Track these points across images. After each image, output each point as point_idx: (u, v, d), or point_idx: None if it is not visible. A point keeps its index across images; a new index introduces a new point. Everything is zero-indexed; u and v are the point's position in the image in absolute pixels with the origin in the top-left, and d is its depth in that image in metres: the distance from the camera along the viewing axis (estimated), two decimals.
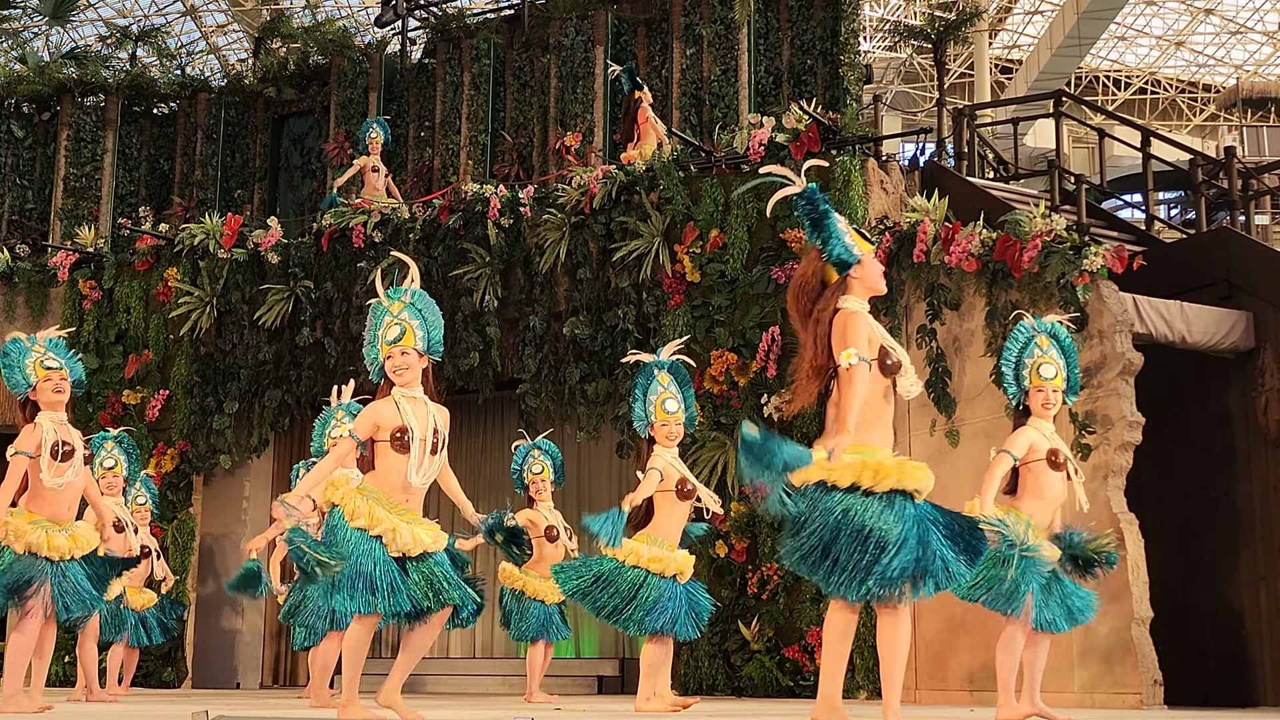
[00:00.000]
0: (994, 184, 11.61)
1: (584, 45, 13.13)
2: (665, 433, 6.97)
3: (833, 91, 12.26)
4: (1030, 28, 34.70)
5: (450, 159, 13.48)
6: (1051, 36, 28.77)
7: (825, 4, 12.54)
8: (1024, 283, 8.41)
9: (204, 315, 12.20)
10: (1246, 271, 8.86)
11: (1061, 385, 6.32)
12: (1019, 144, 13.50)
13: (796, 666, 9.26)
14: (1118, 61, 36.96)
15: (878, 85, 30.11)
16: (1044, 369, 6.31)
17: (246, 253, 12.22)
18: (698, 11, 12.85)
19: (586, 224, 10.84)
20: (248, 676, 12.20)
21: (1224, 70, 36.69)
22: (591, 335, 10.70)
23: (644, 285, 10.52)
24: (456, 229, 11.38)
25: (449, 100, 13.67)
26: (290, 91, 14.55)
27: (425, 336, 5.68)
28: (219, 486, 12.35)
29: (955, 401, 8.74)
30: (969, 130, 12.09)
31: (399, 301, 5.75)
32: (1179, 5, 33.94)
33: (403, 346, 5.61)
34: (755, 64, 12.62)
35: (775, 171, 5.44)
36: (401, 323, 5.66)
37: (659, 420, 6.99)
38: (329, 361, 11.82)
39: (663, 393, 7.04)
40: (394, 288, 5.84)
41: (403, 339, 5.61)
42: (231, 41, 31.50)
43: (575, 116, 12.99)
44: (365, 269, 11.60)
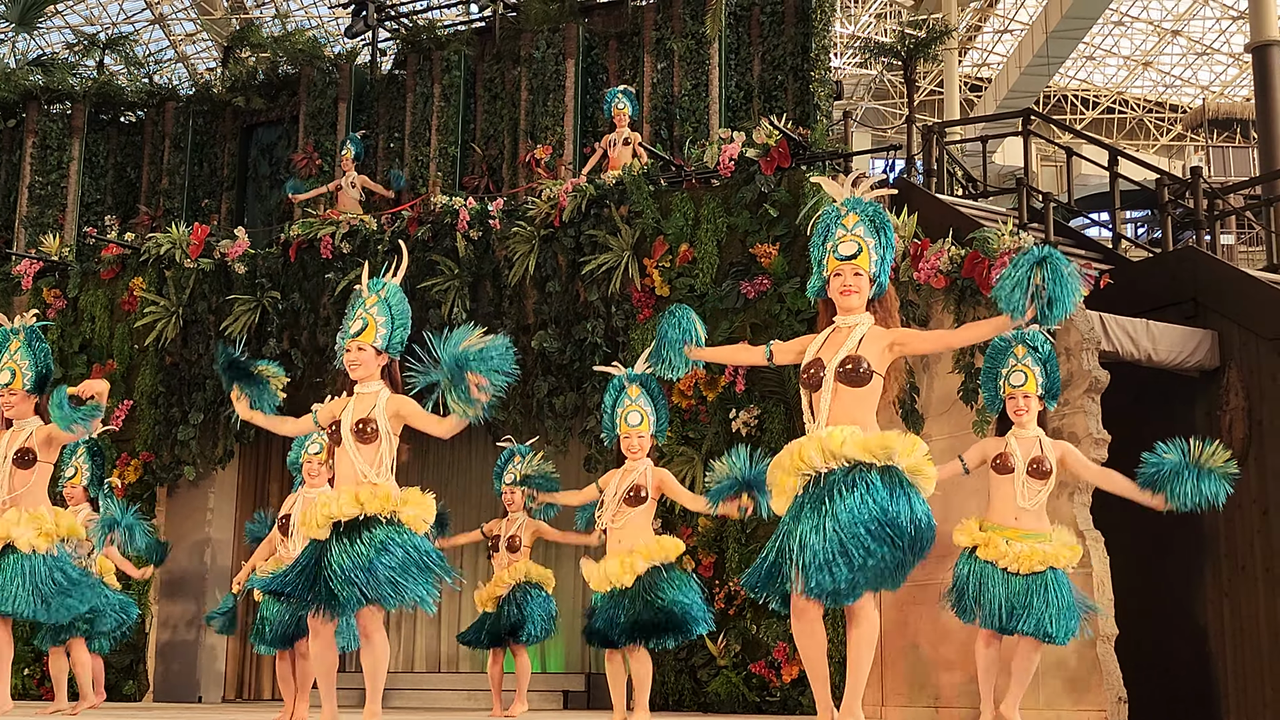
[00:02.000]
0: (963, 201, 11.65)
1: (555, 58, 13.13)
2: (628, 445, 6.99)
3: (803, 107, 12.29)
4: (1000, 46, 34.94)
5: (420, 170, 13.44)
6: (1020, 55, 28.96)
7: (796, 20, 12.58)
8: (992, 300, 8.42)
9: (169, 325, 12.10)
10: (1212, 291, 8.90)
11: (1035, 391, 6.50)
12: (988, 161, 13.56)
13: (763, 682, 9.24)
14: (1086, 81, 37.24)
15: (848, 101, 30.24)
16: (1014, 377, 6.54)
17: (213, 263, 12.14)
18: (669, 26, 12.86)
19: (556, 237, 10.82)
20: (210, 690, 12.09)
21: (1190, 91, 37.02)
22: (560, 348, 10.67)
23: (613, 299, 10.51)
24: (425, 241, 11.34)
25: (419, 112, 13.63)
26: (259, 101, 14.48)
27: (386, 335, 5.68)
28: (183, 498, 12.24)
29: (923, 417, 8.74)
30: (938, 147, 12.14)
31: (375, 295, 5.76)
32: (1146, 26, 34.23)
33: (360, 342, 5.63)
34: (726, 79, 12.64)
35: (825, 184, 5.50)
36: (368, 317, 5.67)
37: (622, 433, 7.00)
38: (296, 373, 11.74)
39: (629, 405, 7.04)
40: (376, 279, 5.84)
41: (362, 334, 5.61)
42: (200, 50, 31.37)
43: (545, 129, 12.97)
44: (333, 280, 11.55)
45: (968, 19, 32.67)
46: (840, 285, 5.20)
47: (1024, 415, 6.51)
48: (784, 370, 9.71)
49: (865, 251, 5.21)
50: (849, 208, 5.31)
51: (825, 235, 5.31)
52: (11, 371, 6.69)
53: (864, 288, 5.21)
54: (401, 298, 5.85)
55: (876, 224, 5.29)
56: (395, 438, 5.67)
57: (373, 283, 5.81)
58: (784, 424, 9.62)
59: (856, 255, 5.20)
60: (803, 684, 9.14)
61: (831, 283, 5.25)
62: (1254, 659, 8.29)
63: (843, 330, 5.22)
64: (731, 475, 6.27)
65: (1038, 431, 6.58)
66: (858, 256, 5.20)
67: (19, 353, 6.74)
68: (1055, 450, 6.55)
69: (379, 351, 5.71)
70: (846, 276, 5.20)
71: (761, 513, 6.16)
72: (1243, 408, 8.48)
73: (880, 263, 5.25)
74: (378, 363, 5.71)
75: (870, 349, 5.15)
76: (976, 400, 8.46)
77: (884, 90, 34.94)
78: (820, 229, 5.34)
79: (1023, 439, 6.54)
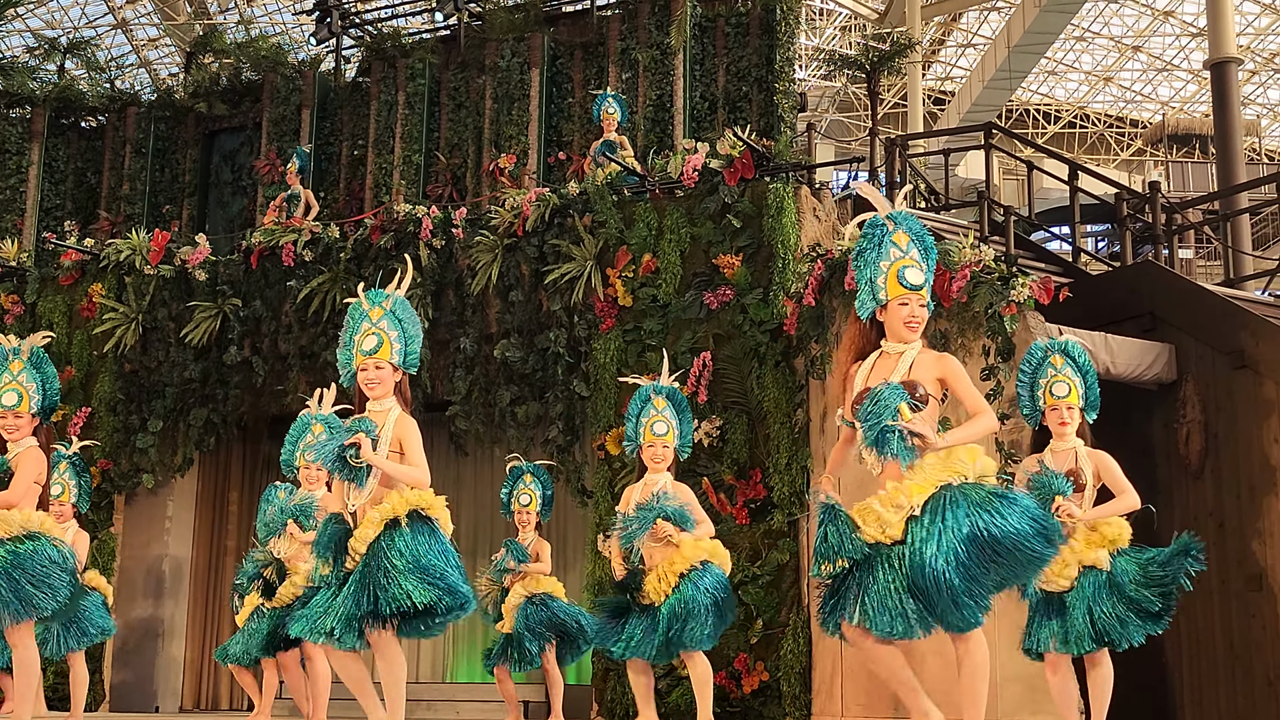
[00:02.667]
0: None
1: (520, 67, 13.12)
2: (651, 454, 7.03)
3: (767, 119, 12.33)
4: (963, 60, 35.16)
5: (383, 178, 13.40)
6: (983, 69, 29.16)
7: (761, 32, 12.62)
8: (953, 312, 8.47)
9: (129, 332, 12.02)
10: (1169, 304, 8.99)
11: (1077, 403, 6.35)
12: (950, 175, 13.64)
13: (723, 693, 9.24)
14: (1048, 95, 37.53)
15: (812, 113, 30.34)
16: (1056, 387, 6.35)
17: (174, 269, 12.07)
18: (634, 36, 12.88)
19: (519, 246, 10.81)
20: (167, 700, 11.99)
21: (1150, 106, 37.37)
22: (523, 358, 10.66)
23: (576, 309, 10.51)
24: (388, 249, 11.30)
25: (383, 119, 13.60)
26: (222, 107, 14.40)
27: (402, 350, 5.55)
28: (141, 506, 12.14)
29: None
30: (901, 160, 12.21)
31: (379, 307, 5.60)
32: (1108, 42, 34.53)
33: (377, 360, 5.48)
34: (691, 89, 12.66)
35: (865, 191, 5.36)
36: (379, 332, 5.51)
37: (646, 442, 7.01)
38: (256, 381, 11.69)
39: (654, 415, 7.09)
40: (375, 290, 5.70)
41: (379, 351, 5.47)
42: (163, 55, 31.18)
43: (510, 138, 12.96)
44: (295, 288, 11.50)
45: (931, 33, 32.86)
46: (907, 315, 5.00)
47: (1067, 426, 6.33)
48: (747, 381, 9.74)
49: (927, 281, 5.03)
50: (898, 224, 5.12)
51: (877, 252, 5.08)
52: (18, 394, 6.37)
53: (925, 318, 5.04)
54: (410, 310, 5.67)
55: (925, 243, 5.10)
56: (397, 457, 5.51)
57: (373, 294, 5.63)
58: (746, 434, 9.64)
59: (923, 286, 5.01)
60: (763, 695, 9.15)
61: (894, 310, 5.02)
62: (1209, 670, 8.36)
63: (891, 356, 5.04)
64: None
65: (1076, 443, 6.37)
66: (924, 287, 5.01)
67: (23, 375, 6.43)
68: (1092, 460, 6.34)
69: (395, 368, 5.55)
70: (913, 307, 5.01)
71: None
72: (1199, 420, 8.56)
73: (930, 287, 5.08)
74: (394, 379, 5.55)
75: (922, 375, 4.95)
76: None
77: (848, 103, 35.09)
78: (869, 243, 5.10)
79: (1059, 452, 6.34)
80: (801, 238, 10.06)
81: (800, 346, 9.60)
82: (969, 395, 5.02)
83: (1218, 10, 18.08)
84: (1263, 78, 34.95)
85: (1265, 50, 33.65)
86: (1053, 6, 24.79)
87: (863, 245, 5.14)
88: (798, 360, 9.65)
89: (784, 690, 8.93)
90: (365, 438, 5.31)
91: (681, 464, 9.72)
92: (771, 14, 12.64)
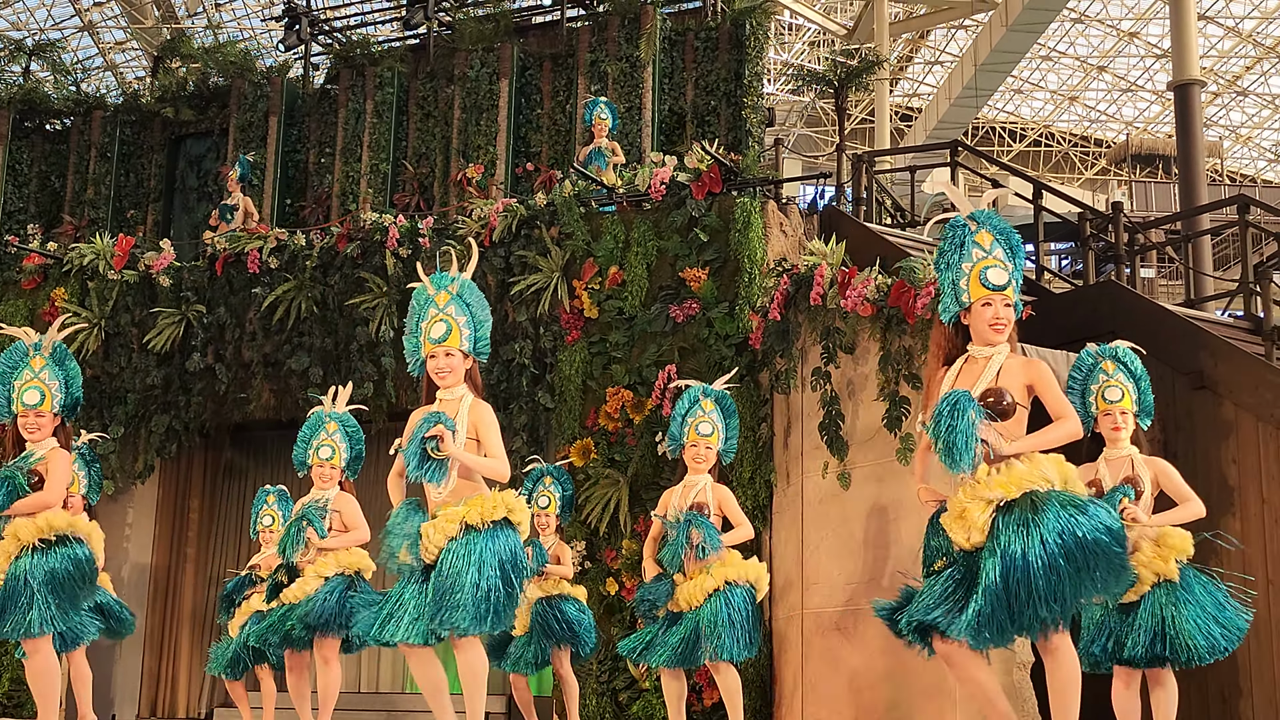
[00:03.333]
0: (891, 230, 11.79)
1: (489, 78, 13.13)
2: (693, 454, 7.02)
3: (735, 133, 12.38)
4: (930, 77, 35.41)
5: (350, 186, 13.37)
6: (950, 87, 29.37)
7: (730, 46, 12.68)
8: (917, 328, 8.52)
9: (91, 337, 11.94)
10: (1130, 323, 9.05)
11: (1131, 408, 6.21)
12: (916, 191, 13.73)
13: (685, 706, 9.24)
14: (1014, 114, 37.83)
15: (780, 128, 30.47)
16: (1109, 392, 6.24)
17: (138, 274, 12.00)
18: (604, 48, 12.91)
19: (486, 256, 10.80)
20: (124, 709, 11.90)
21: (1115, 126, 37.72)
22: (487, 369, 10.65)
23: (542, 320, 10.51)
24: (354, 257, 11.28)
25: (350, 127, 13.57)
26: (189, 112, 14.34)
27: (471, 336, 5.39)
28: (101, 512, 11.97)
29: (848, 445, 8.81)
30: (868, 176, 12.28)
31: (445, 292, 5.40)
32: (1074, 62, 34.83)
33: (447, 347, 5.34)
34: (659, 103, 12.70)
35: (947, 190, 5.19)
36: (447, 319, 5.34)
37: (689, 441, 6.99)
38: (219, 388, 11.63)
39: (701, 416, 7.07)
40: (439, 274, 5.54)
41: (448, 338, 5.33)
42: (130, 59, 31.04)
43: (478, 148, 12.96)
44: (260, 295, 11.46)
45: (899, 50, 33.07)
46: (991, 317, 4.85)
47: (1121, 431, 6.18)
48: None
49: (1012, 281, 4.88)
50: (980, 224, 4.96)
51: (958, 254, 4.94)
52: (40, 392, 6.23)
53: (1012, 319, 4.89)
54: (477, 293, 5.48)
55: (1010, 242, 4.94)
56: (475, 443, 5.36)
57: (438, 278, 5.43)
58: None
59: (1007, 286, 4.86)
60: (723, 709, 9.16)
61: (977, 312, 4.88)
62: None
63: (977, 361, 4.90)
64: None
65: (1131, 450, 6.20)
66: (1009, 288, 4.86)
67: (45, 371, 6.29)
68: (1150, 467, 6.16)
69: (465, 354, 5.40)
70: (997, 308, 4.86)
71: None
72: (1159, 440, 8.62)
73: (1018, 287, 4.94)
74: (464, 366, 5.41)
75: (1009, 382, 4.81)
76: (900, 428, 8.55)
77: (816, 118, 35.27)
78: (950, 245, 4.96)
79: (1113, 460, 6.17)
80: (768, 252, 10.10)
81: (765, 361, 9.63)
82: (1056, 401, 4.89)
83: (1181, 33, 18.29)
84: (1225, 100, 35.34)
85: (1228, 73, 34.04)
86: (1020, 26, 25.02)
87: (944, 248, 4.98)
88: (762, 375, 9.68)
89: (745, 703, 8.93)
90: (446, 430, 5.17)
91: (645, 478, 9.77)
92: (741, 28, 12.70)
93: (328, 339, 11.25)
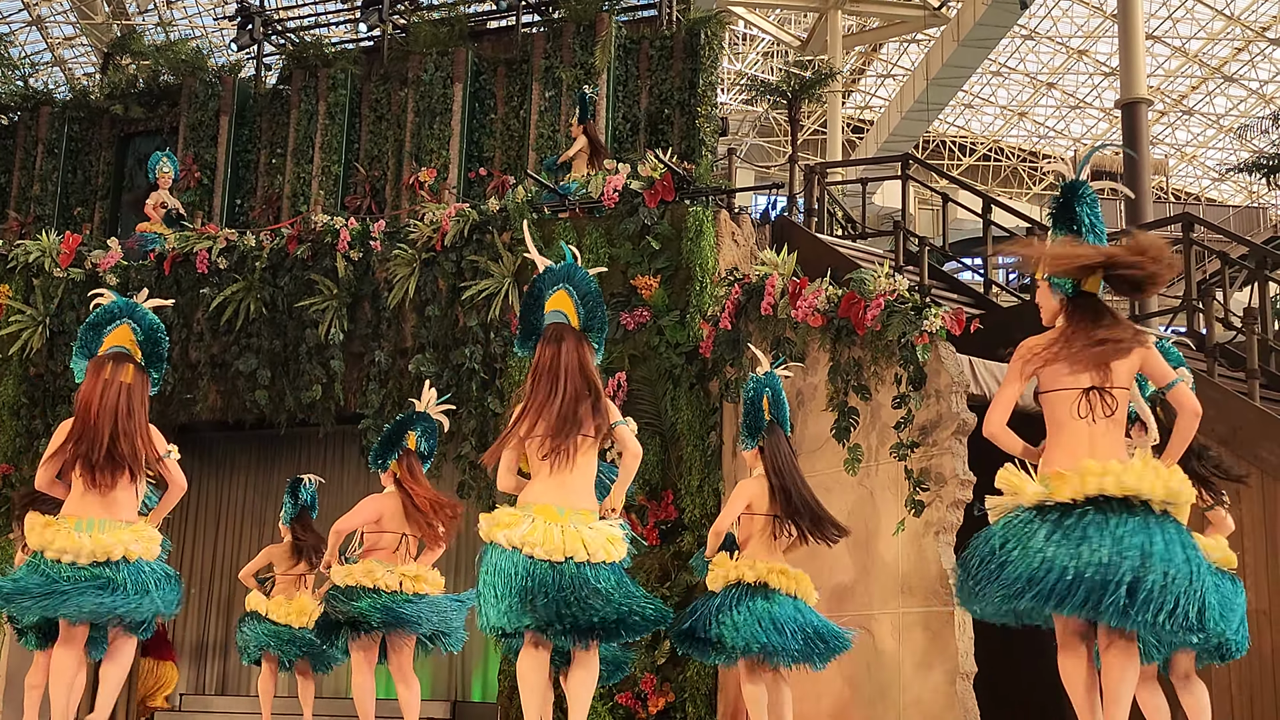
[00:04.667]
0: (842, 241, 11.86)
1: (443, 81, 13.10)
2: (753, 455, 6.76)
3: (688, 141, 12.42)
4: (882, 90, 35.65)
5: (301, 188, 13.30)
6: (902, 100, 29.58)
7: (685, 55, 12.72)
8: (866, 340, 8.58)
9: (35, 335, 11.80)
10: None
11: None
12: (867, 203, 13.82)
13: (629, 713, 9.25)
14: (964, 128, 38.15)
15: (733, 138, 30.59)
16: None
17: (84, 273, 11.87)
18: (558, 55, 12.92)
19: (437, 261, 10.78)
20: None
21: (1063, 142, 38.11)
22: (437, 373, 10.61)
23: (492, 325, 10.49)
24: (304, 259, 11.21)
25: (302, 128, 13.50)
26: (138, 110, 14.21)
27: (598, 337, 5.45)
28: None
29: (796, 454, 8.84)
30: (820, 187, 12.35)
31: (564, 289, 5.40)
32: (1024, 78, 35.18)
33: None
34: (613, 110, 12.72)
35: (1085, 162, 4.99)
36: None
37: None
38: (165, 388, 11.51)
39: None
40: (570, 264, 5.41)
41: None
42: (79, 55, 30.71)
43: (431, 152, 12.93)
44: (208, 295, 11.36)
45: (852, 62, 33.27)
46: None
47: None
48: (661, 402, 9.78)
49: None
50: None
51: (1091, 219, 4.82)
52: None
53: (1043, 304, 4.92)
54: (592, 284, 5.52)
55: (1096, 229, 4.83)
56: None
57: (562, 269, 5.47)
58: (659, 455, 9.67)
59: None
60: (668, 715, 9.17)
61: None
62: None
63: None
64: None
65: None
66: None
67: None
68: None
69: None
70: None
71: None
72: None
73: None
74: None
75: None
76: (848, 438, 8.60)
77: (769, 128, 35.41)
78: (1086, 204, 4.84)
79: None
80: (719, 261, 10.13)
81: (715, 370, 9.66)
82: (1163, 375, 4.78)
83: (1130, 52, 18.51)
84: (1171, 119, 35.80)
85: (1174, 92, 34.48)
86: (971, 41, 25.24)
87: (1082, 202, 4.88)
88: (712, 383, 9.71)
89: (689, 712, 8.96)
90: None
91: None
92: (696, 38, 12.75)
93: (276, 340, 11.17)
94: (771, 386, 6.69)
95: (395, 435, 7.41)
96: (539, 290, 5.43)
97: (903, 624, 8.10)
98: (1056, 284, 4.85)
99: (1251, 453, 8.23)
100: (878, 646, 8.21)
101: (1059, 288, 4.86)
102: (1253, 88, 33.56)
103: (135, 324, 6.07)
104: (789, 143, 14.52)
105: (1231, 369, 9.55)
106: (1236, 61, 32.71)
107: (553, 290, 5.45)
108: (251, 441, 12.21)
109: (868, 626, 8.30)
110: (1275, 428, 8.21)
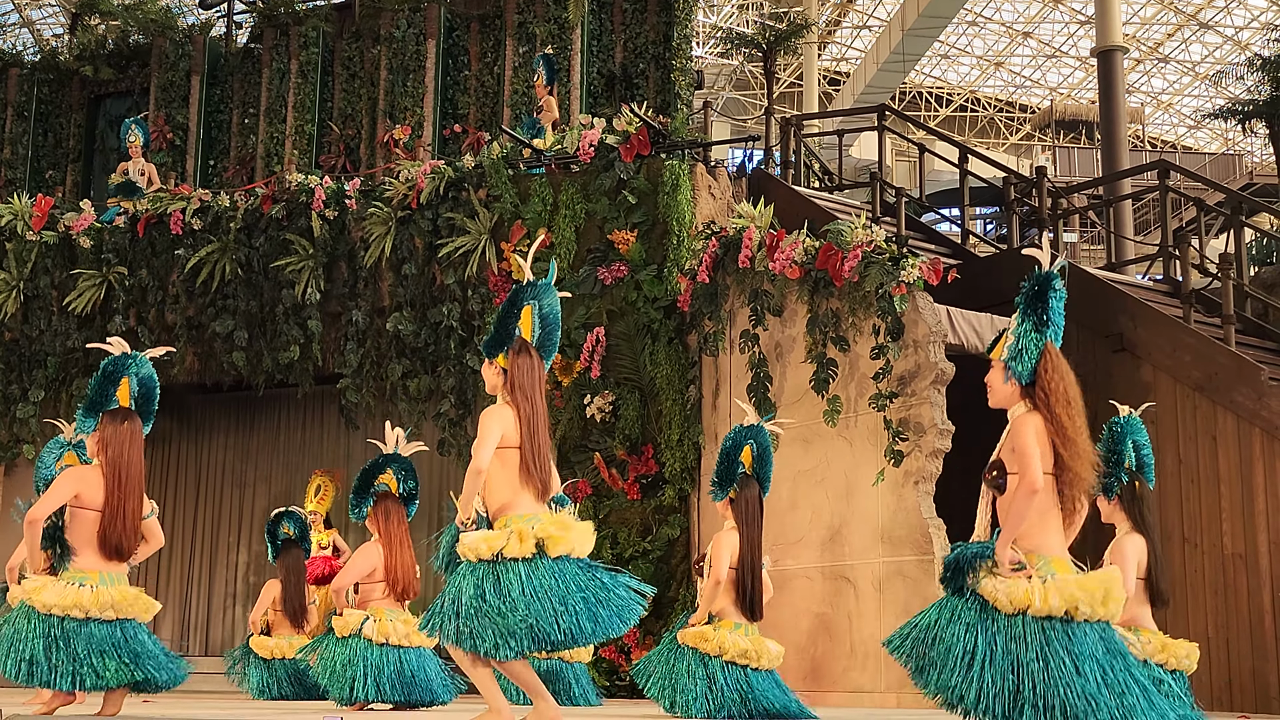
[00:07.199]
0: (818, 193, 11.84)
1: (415, 38, 13.00)
2: None
3: (664, 95, 12.36)
4: (858, 42, 35.50)
5: (275, 147, 13.20)
6: (878, 51, 29.48)
7: (659, 8, 12.64)
8: (844, 291, 8.59)
9: (9, 299, 11.73)
10: None
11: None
12: (844, 155, 13.79)
13: (613, 667, 9.30)
14: (940, 79, 38.04)
15: (709, 91, 30.46)
16: None
17: (57, 236, 11.79)
18: (531, 10, 12.82)
19: (413, 219, 10.73)
20: None
21: (1039, 92, 38.05)
22: (415, 331, 10.59)
23: (469, 283, 10.46)
24: (279, 219, 11.15)
25: (275, 88, 13.39)
26: (108, 71, 14.08)
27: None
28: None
29: (775, 406, 8.88)
30: (796, 140, 12.32)
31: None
32: (999, 27, 35.08)
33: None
34: (588, 65, 12.64)
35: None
36: None
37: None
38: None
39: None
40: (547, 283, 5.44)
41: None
42: (47, 16, 30.35)
43: (405, 110, 12.85)
44: (183, 257, 11.30)
45: (827, 14, 33.13)
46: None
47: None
48: (640, 357, 9.78)
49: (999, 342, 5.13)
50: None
51: (1057, 313, 4.93)
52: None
53: (994, 383, 5.09)
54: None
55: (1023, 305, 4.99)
56: None
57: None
58: (638, 410, 9.68)
59: (991, 348, 5.20)
60: None
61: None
62: None
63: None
64: None
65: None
66: (992, 349, 5.20)
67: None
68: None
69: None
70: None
71: None
72: None
73: (1010, 349, 5.10)
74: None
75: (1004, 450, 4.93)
76: (827, 390, 8.62)
77: (744, 81, 35.25)
78: (1055, 297, 4.91)
79: None
80: (696, 215, 10.11)
81: (693, 323, 9.66)
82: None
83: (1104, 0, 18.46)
84: (1147, 66, 35.77)
85: (1150, 39, 34.43)
86: None
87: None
88: (691, 337, 9.72)
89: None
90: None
91: (573, 440, 9.78)
92: None
93: (253, 302, 11.13)
94: (757, 441, 6.44)
95: (364, 483, 7.14)
96: (520, 301, 5.37)
97: (883, 573, 8.15)
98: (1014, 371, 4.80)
99: (1227, 398, 8.28)
100: (858, 595, 8.26)
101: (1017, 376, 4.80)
102: (1228, 34, 33.54)
103: (134, 379, 6.21)
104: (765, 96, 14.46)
105: (1207, 315, 9.60)
106: (1212, 8, 32.66)
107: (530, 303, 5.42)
108: (230, 403, 12.17)
109: (848, 576, 8.36)
110: (1250, 373, 8.26)
